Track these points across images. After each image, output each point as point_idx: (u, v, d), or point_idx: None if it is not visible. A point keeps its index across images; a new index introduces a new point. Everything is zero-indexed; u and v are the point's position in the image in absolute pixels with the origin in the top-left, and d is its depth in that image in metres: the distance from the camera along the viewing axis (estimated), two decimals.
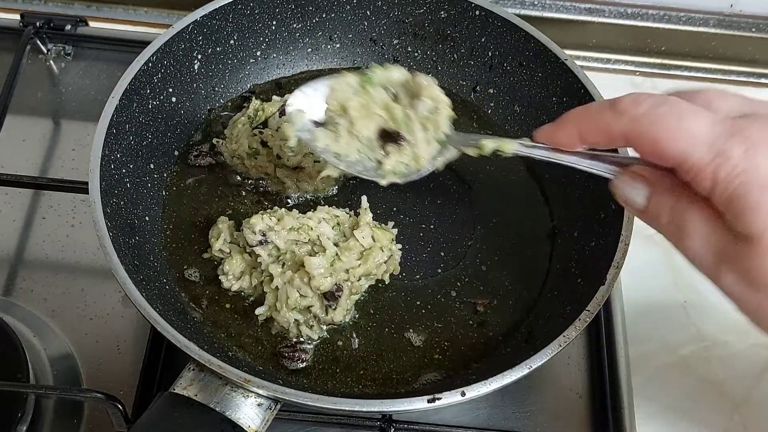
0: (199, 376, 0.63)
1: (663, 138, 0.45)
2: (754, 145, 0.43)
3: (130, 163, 0.77)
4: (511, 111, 0.91)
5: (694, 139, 0.44)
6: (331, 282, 0.72)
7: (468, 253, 0.81)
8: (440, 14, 0.91)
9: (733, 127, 0.44)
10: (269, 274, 0.73)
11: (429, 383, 0.72)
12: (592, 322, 0.66)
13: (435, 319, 0.76)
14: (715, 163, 0.43)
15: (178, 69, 0.84)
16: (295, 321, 0.73)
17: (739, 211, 0.43)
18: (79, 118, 1.00)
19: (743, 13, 1.09)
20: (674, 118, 0.45)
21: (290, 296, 0.71)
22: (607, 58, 1.13)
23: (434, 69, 0.95)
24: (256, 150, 0.83)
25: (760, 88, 1.12)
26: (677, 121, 0.45)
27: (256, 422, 0.62)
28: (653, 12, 1.09)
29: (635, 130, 0.46)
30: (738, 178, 0.42)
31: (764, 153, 0.42)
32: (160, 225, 0.80)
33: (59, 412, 0.76)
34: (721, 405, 0.80)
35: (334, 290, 0.72)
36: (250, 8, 0.88)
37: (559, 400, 0.80)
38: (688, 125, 0.44)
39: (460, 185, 0.87)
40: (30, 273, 0.86)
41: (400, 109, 0.63)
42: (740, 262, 0.44)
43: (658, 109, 0.46)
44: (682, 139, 0.44)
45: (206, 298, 0.76)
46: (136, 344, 0.80)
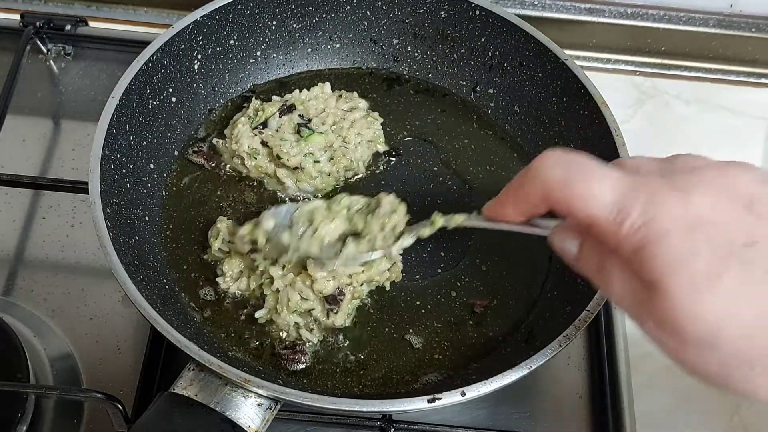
0: (199, 376, 0.63)
1: (572, 202, 0.48)
2: (652, 200, 0.45)
3: (130, 163, 0.77)
4: (511, 111, 0.91)
5: (599, 201, 0.46)
6: (333, 286, 0.72)
7: (468, 253, 0.81)
8: (440, 14, 0.91)
9: (635, 183, 0.46)
10: (269, 276, 0.73)
11: (429, 383, 0.72)
12: (592, 322, 0.66)
13: (435, 319, 0.76)
14: (617, 221, 0.46)
15: (178, 69, 0.84)
16: (295, 324, 0.73)
17: (641, 263, 0.45)
18: (79, 118, 1.00)
19: (743, 13, 1.09)
20: (581, 182, 0.47)
21: (291, 299, 0.71)
22: (607, 58, 1.13)
23: (434, 69, 0.95)
24: (256, 150, 0.83)
25: (760, 88, 1.12)
26: (584, 183, 0.47)
27: (256, 422, 0.62)
28: (653, 12, 1.09)
29: (549, 195, 0.49)
30: (638, 233, 0.45)
31: (661, 205, 0.45)
32: (160, 225, 0.80)
33: (59, 412, 0.76)
34: (721, 405, 0.80)
35: (336, 294, 0.72)
36: (250, 8, 0.88)
37: (559, 400, 0.80)
38: (593, 187, 0.47)
39: (460, 185, 0.87)
40: (30, 273, 0.86)
41: (359, 217, 0.70)
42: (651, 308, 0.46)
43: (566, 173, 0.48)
44: (589, 201, 0.47)
45: (206, 298, 0.76)
46: (136, 344, 0.80)
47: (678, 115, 1.08)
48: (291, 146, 0.82)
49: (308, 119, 0.85)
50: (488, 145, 0.90)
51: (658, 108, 1.08)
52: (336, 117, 0.86)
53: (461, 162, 0.89)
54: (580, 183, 0.47)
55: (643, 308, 0.47)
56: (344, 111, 0.88)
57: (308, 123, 0.85)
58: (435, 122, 0.92)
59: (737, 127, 1.06)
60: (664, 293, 0.44)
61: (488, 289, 0.79)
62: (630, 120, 1.06)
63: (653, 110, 1.08)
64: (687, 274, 0.43)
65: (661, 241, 0.44)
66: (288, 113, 0.85)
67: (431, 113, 0.93)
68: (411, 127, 0.92)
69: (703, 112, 1.08)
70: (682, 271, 0.44)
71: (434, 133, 0.91)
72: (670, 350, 0.47)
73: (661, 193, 0.45)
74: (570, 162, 0.49)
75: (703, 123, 1.06)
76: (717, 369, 0.45)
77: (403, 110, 0.93)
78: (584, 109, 0.81)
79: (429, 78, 0.96)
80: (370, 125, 0.88)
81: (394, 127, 0.91)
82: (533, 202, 0.52)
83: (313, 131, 0.84)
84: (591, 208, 0.47)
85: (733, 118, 1.08)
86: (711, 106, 1.09)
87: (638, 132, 1.02)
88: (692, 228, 0.44)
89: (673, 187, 0.45)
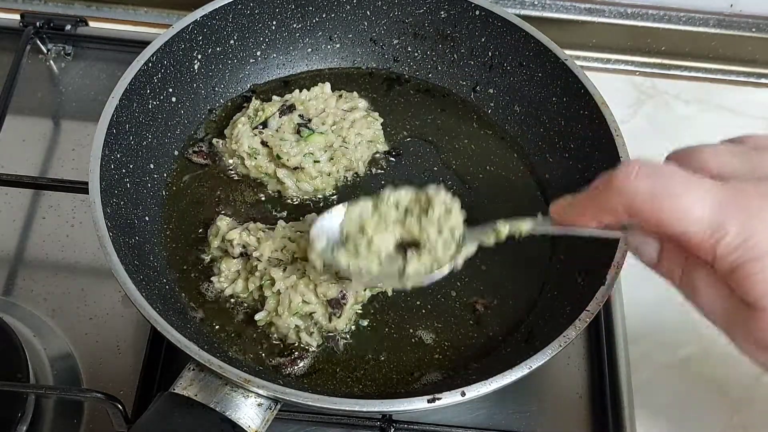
0: (199, 376, 0.63)
1: (662, 219, 0.46)
2: (750, 217, 0.44)
3: (130, 163, 0.77)
4: (511, 111, 0.91)
5: (692, 217, 0.45)
6: (336, 289, 0.72)
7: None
8: (440, 14, 0.91)
9: (729, 197, 0.45)
10: (270, 277, 0.73)
11: (429, 383, 0.72)
12: (592, 322, 0.66)
13: (435, 319, 0.76)
14: (713, 238, 0.44)
15: (178, 69, 0.84)
16: (296, 327, 0.72)
17: (739, 282, 0.44)
18: (79, 118, 1.00)
19: (743, 13, 1.09)
20: (671, 198, 0.46)
21: (293, 301, 0.71)
22: (607, 58, 1.13)
23: (434, 69, 0.95)
24: (256, 150, 0.83)
25: (760, 88, 1.12)
26: (674, 200, 0.45)
27: (256, 422, 0.62)
28: (653, 12, 1.09)
29: (634, 209, 0.47)
30: (736, 252, 0.44)
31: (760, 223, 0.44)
32: (160, 225, 0.80)
33: (59, 412, 0.76)
34: (721, 405, 0.80)
35: (339, 297, 0.72)
36: (250, 8, 0.88)
37: (559, 400, 0.80)
38: (684, 204, 0.45)
39: (460, 185, 0.87)
40: (30, 273, 0.86)
41: (413, 221, 0.66)
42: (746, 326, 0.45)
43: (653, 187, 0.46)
44: (681, 219, 0.45)
45: (206, 298, 0.76)
46: (136, 344, 0.80)
47: (678, 115, 1.08)
48: (291, 146, 0.82)
49: (308, 119, 0.85)
50: (488, 145, 0.90)
51: (658, 108, 1.08)
52: (336, 117, 0.86)
53: (461, 162, 0.89)
54: (669, 198, 0.46)
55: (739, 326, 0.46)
56: (344, 111, 0.88)
57: (308, 123, 0.85)
58: (435, 122, 0.92)
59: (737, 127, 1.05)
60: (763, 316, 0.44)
61: (488, 289, 0.79)
62: (630, 120, 1.06)
63: (653, 110, 1.08)
64: None
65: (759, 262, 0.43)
66: (288, 113, 0.85)
67: (431, 113, 0.93)
68: (411, 127, 0.92)
69: (703, 112, 1.08)
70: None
71: (434, 133, 0.91)
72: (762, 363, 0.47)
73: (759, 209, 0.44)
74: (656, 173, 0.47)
75: (703, 123, 1.06)
76: None
77: (403, 110, 0.93)
78: (584, 109, 0.81)
79: (429, 78, 0.96)
80: (370, 125, 0.88)
81: (394, 127, 0.91)
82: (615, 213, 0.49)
83: (313, 131, 0.84)
84: (682, 224, 0.45)
85: (733, 118, 1.08)
86: (711, 106, 1.09)
87: (638, 132, 1.02)
88: None
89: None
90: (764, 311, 0.44)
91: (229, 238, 0.75)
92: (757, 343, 0.45)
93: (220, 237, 0.77)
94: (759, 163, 0.48)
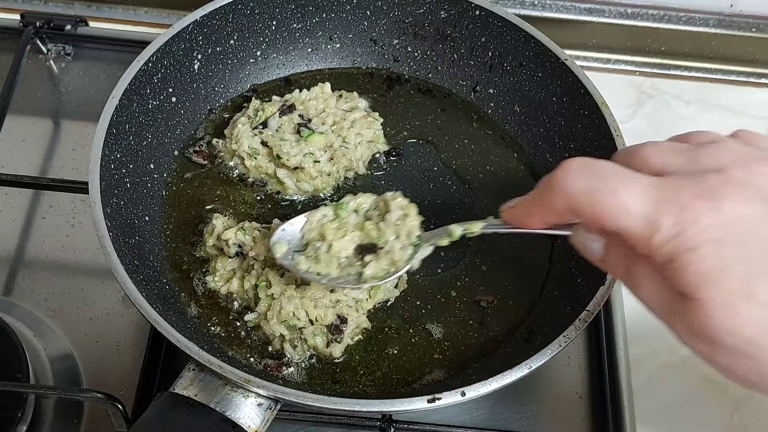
0: (199, 376, 0.63)
1: (600, 215, 0.47)
2: (683, 210, 0.44)
3: (130, 163, 0.77)
4: (511, 111, 0.91)
5: (629, 213, 0.46)
6: (333, 313, 0.71)
7: (468, 253, 0.81)
8: (440, 14, 0.91)
9: (663, 192, 0.46)
10: (267, 279, 0.72)
11: (429, 383, 0.72)
12: (592, 322, 0.66)
13: (435, 319, 0.76)
14: (649, 232, 0.45)
15: (178, 69, 0.84)
16: (281, 335, 0.72)
17: (673, 274, 0.45)
18: (79, 118, 1.00)
19: (743, 13, 1.09)
20: (607, 195, 0.47)
21: (284, 308, 0.70)
22: (607, 58, 1.13)
23: (434, 69, 0.95)
24: (256, 150, 0.83)
25: (760, 88, 1.12)
26: (611, 196, 0.46)
27: (256, 422, 0.62)
28: (653, 12, 1.09)
29: (574, 207, 0.49)
30: (670, 244, 0.45)
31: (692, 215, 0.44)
32: (160, 225, 0.80)
33: (59, 412, 0.76)
34: (721, 405, 0.80)
35: (339, 323, 0.72)
36: (250, 8, 0.88)
37: (559, 400, 0.80)
38: (621, 200, 0.46)
39: (460, 185, 0.87)
40: (30, 273, 0.86)
41: (372, 225, 0.69)
42: (683, 317, 0.46)
43: (591, 185, 0.48)
44: (617, 215, 0.46)
45: (206, 299, 0.76)
46: (136, 344, 0.80)
47: (678, 115, 1.08)
48: (291, 146, 0.82)
49: (308, 119, 0.85)
50: (488, 145, 0.90)
51: (658, 108, 1.08)
52: (336, 117, 0.86)
53: (461, 162, 0.89)
54: (606, 195, 0.47)
55: (676, 317, 0.47)
56: (344, 111, 0.88)
57: (308, 123, 0.84)
58: (435, 122, 0.92)
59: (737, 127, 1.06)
60: (698, 306, 0.44)
61: (488, 289, 0.79)
62: (630, 120, 1.06)
63: (653, 110, 1.08)
64: (722, 288, 0.43)
65: (693, 253, 0.44)
66: (288, 113, 0.85)
67: (431, 113, 0.93)
68: (411, 127, 0.92)
69: (703, 112, 1.08)
70: (717, 285, 0.43)
71: (434, 133, 0.91)
72: (704, 355, 0.47)
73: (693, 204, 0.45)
74: (594, 171, 0.48)
75: (703, 123, 1.06)
76: (752, 375, 0.45)
77: (404, 110, 0.93)
78: (584, 109, 0.81)
79: (429, 78, 0.96)
80: (370, 125, 0.88)
81: (394, 127, 0.91)
82: (558, 213, 0.51)
83: (313, 131, 0.84)
84: (620, 220, 0.46)
85: (733, 118, 1.08)
86: (711, 106, 1.09)
87: (638, 132, 1.02)
88: (724, 239, 0.44)
89: (704, 194, 0.45)
90: (697, 301, 0.44)
91: (225, 237, 0.75)
92: (694, 332, 0.46)
93: (215, 236, 0.77)
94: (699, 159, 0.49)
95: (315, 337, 0.71)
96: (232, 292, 0.75)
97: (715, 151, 0.49)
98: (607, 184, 0.47)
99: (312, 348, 0.72)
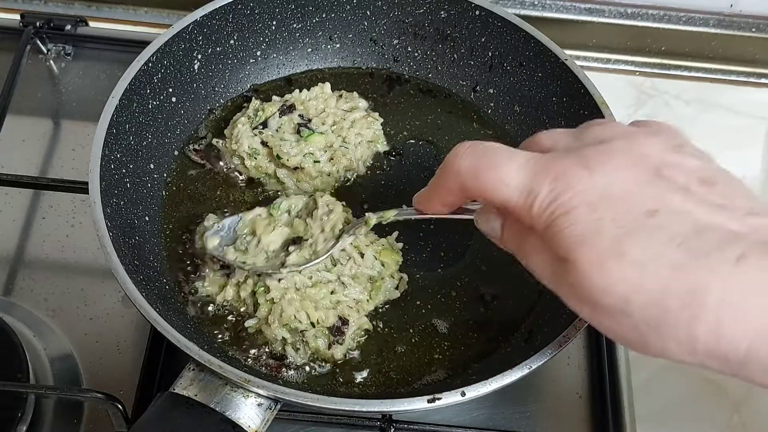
0: (199, 376, 0.63)
1: (485, 189, 0.50)
2: (557, 178, 0.47)
3: (130, 163, 0.77)
4: (511, 111, 0.91)
5: (509, 186, 0.49)
6: (334, 315, 0.71)
7: (468, 253, 0.81)
8: (440, 14, 0.91)
9: (540, 164, 0.49)
10: (265, 285, 0.72)
11: (429, 383, 0.72)
12: None
13: (435, 319, 0.76)
14: (528, 202, 0.48)
15: (178, 69, 0.84)
16: (283, 339, 0.72)
17: (551, 239, 0.47)
18: (79, 118, 1.00)
19: (743, 13, 1.09)
20: (490, 170, 0.50)
21: (285, 311, 0.70)
22: (607, 58, 1.13)
23: (434, 69, 0.95)
24: (256, 150, 0.83)
25: (760, 88, 1.12)
26: (492, 171, 0.50)
27: (256, 422, 0.62)
28: (653, 12, 1.09)
29: (464, 186, 0.52)
30: (546, 211, 0.47)
31: (566, 182, 0.47)
32: (160, 225, 0.80)
33: (59, 412, 0.76)
34: (721, 405, 0.80)
35: (340, 324, 0.71)
36: (250, 8, 0.88)
37: (559, 401, 0.80)
38: (501, 174, 0.49)
39: None
40: (30, 273, 0.86)
41: (300, 221, 0.75)
42: (565, 281, 0.48)
43: (477, 163, 0.51)
44: (500, 188, 0.49)
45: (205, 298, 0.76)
46: (136, 344, 0.80)
47: (678, 115, 1.08)
48: (291, 146, 0.82)
49: (308, 119, 0.85)
50: None
51: (658, 108, 1.08)
52: (336, 117, 0.86)
53: None
54: (488, 171, 0.50)
55: (559, 281, 0.49)
56: (344, 111, 0.88)
57: (308, 123, 0.85)
58: (435, 122, 0.92)
59: (737, 127, 1.06)
60: (573, 267, 0.46)
61: (488, 288, 0.79)
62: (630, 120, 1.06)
63: (653, 110, 1.08)
64: (593, 248, 0.45)
65: (566, 217, 0.46)
66: (288, 113, 0.85)
67: (431, 113, 0.93)
68: (411, 128, 0.92)
69: (703, 112, 1.08)
70: (588, 246, 0.45)
71: (434, 133, 0.91)
72: (587, 317, 0.49)
73: (567, 171, 0.47)
74: (478, 151, 0.51)
75: (703, 123, 1.06)
76: (632, 334, 0.46)
77: (404, 110, 0.93)
78: (584, 109, 0.81)
79: (429, 78, 0.96)
80: (370, 125, 0.88)
81: (394, 127, 0.91)
82: (454, 194, 0.54)
83: (313, 131, 0.84)
84: (502, 193, 0.49)
85: (733, 118, 1.08)
86: (711, 106, 1.09)
87: None
88: (596, 202, 0.46)
89: (579, 162, 0.47)
90: (573, 262, 0.46)
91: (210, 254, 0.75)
92: (574, 295, 0.48)
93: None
94: (583, 136, 0.52)
95: (317, 339, 0.71)
96: (228, 301, 0.74)
97: (600, 129, 0.52)
98: (490, 160, 0.50)
99: (314, 350, 0.72)
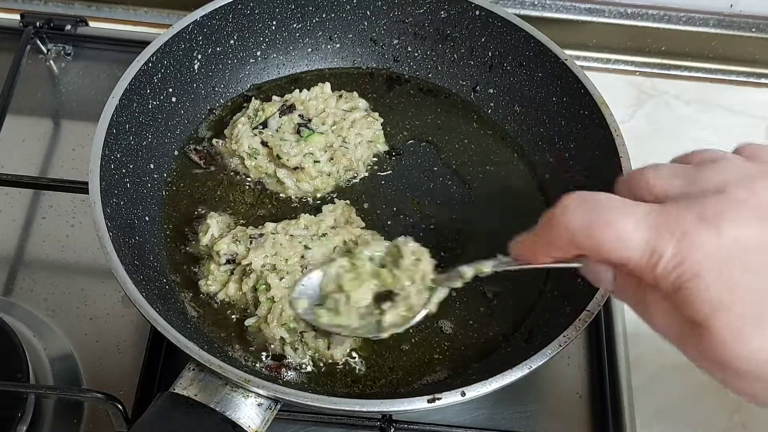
0: (199, 376, 0.63)
1: (601, 248, 0.47)
2: (683, 237, 0.44)
3: (130, 163, 0.77)
4: (511, 111, 0.91)
5: (628, 244, 0.46)
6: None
7: (468, 253, 0.81)
8: (440, 14, 0.91)
9: (660, 219, 0.45)
10: (266, 283, 0.72)
11: (429, 383, 0.72)
12: (592, 322, 0.66)
13: (434, 319, 0.76)
14: (651, 262, 0.45)
15: (178, 69, 0.84)
16: (281, 339, 0.71)
17: (683, 303, 0.45)
18: (79, 118, 1.00)
19: (743, 13, 1.09)
20: (606, 227, 0.46)
21: (285, 311, 0.70)
22: (607, 58, 1.13)
23: (434, 69, 0.95)
24: (256, 150, 0.83)
25: (760, 88, 1.12)
26: (608, 228, 0.46)
27: (256, 422, 0.62)
28: (653, 12, 1.09)
29: (576, 242, 0.49)
30: (674, 273, 0.44)
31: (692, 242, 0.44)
32: (160, 225, 0.80)
33: (59, 412, 0.76)
34: (721, 405, 0.80)
35: None
36: (250, 8, 0.88)
37: (559, 401, 0.80)
38: (618, 231, 0.46)
39: (460, 185, 0.87)
40: (30, 273, 0.86)
41: (386, 272, 0.70)
42: (698, 344, 0.46)
43: (589, 218, 0.47)
44: (618, 247, 0.46)
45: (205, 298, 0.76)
46: (136, 344, 0.80)
47: (678, 115, 1.08)
48: (291, 146, 0.82)
49: (308, 119, 0.85)
50: (488, 145, 0.90)
51: (658, 108, 1.08)
52: (336, 117, 0.86)
53: (461, 162, 0.89)
54: (603, 228, 0.46)
55: (689, 343, 0.47)
56: (344, 111, 0.88)
57: (308, 123, 0.85)
58: (435, 122, 0.92)
59: (737, 127, 1.06)
60: (708, 333, 0.44)
61: (488, 288, 0.79)
62: (630, 120, 1.06)
63: (653, 110, 1.08)
64: (731, 315, 0.43)
65: (698, 280, 0.43)
66: (288, 113, 0.85)
67: (431, 113, 0.93)
68: (411, 127, 0.92)
69: (703, 112, 1.08)
70: (725, 312, 0.43)
71: (434, 133, 0.91)
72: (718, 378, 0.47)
73: (692, 230, 0.44)
74: (589, 205, 0.48)
75: (703, 123, 1.06)
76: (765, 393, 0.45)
77: (404, 110, 0.93)
78: (584, 109, 0.81)
79: (429, 78, 0.96)
80: (370, 125, 0.88)
81: (394, 127, 0.91)
82: (563, 249, 0.51)
83: (313, 131, 0.84)
84: (621, 253, 0.46)
85: (733, 118, 1.08)
86: (711, 106, 1.09)
87: (638, 132, 1.02)
88: (727, 262, 0.43)
89: (703, 218, 0.44)
90: (708, 329, 0.44)
91: (216, 249, 0.75)
92: (710, 360, 0.46)
93: (210, 236, 0.77)
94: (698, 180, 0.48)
95: (316, 339, 0.71)
96: (230, 297, 0.74)
97: (715, 171, 0.48)
98: (603, 216, 0.47)
99: (314, 350, 0.72)
